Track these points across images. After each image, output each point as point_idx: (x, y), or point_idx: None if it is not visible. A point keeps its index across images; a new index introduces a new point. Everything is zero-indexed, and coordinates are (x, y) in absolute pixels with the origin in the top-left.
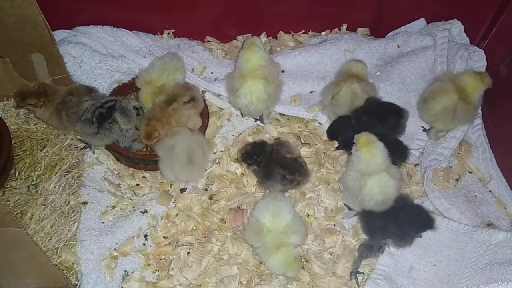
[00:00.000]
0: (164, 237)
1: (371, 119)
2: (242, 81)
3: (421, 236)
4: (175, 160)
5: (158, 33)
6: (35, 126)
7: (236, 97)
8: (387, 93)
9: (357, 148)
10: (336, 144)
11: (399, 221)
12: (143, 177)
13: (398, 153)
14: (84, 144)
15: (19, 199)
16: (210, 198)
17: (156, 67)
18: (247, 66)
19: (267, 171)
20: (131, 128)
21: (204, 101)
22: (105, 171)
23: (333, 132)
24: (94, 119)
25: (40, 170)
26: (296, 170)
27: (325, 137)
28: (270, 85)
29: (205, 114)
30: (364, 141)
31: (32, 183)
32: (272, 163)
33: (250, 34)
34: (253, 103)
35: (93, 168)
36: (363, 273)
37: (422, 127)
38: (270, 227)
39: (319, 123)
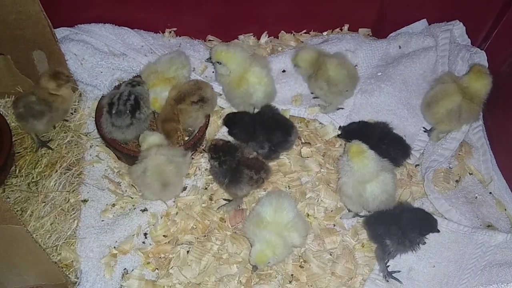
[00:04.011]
0: (164, 236)
1: (261, 130)
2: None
3: (424, 243)
4: (152, 186)
5: (160, 31)
6: None
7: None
8: (388, 94)
9: (348, 157)
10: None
11: (402, 224)
12: None
13: (401, 151)
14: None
15: (19, 196)
16: (210, 198)
17: (162, 61)
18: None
19: (235, 174)
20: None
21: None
22: (105, 169)
23: (229, 123)
24: (128, 112)
25: (41, 167)
26: (260, 168)
27: (326, 137)
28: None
29: None
30: (355, 151)
31: (33, 180)
32: (240, 166)
33: (252, 34)
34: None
35: (93, 166)
36: (398, 271)
37: (424, 128)
38: (270, 220)
39: (320, 123)
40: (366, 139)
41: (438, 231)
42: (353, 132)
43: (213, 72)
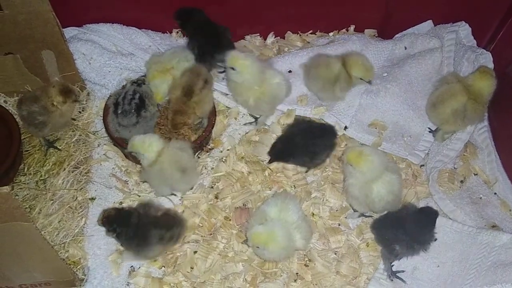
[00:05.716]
0: None
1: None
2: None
3: (436, 239)
4: (170, 178)
5: (167, 32)
6: None
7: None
8: (394, 94)
9: (354, 166)
10: None
11: (409, 228)
12: None
13: (326, 137)
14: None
15: (27, 194)
16: (216, 196)
17: (166, 53)
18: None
19: (141, 238)
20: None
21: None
22: (113, 168)
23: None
24: (133, 111)
25: (49, 165)
26: (172, 224)
27: None
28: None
29: (212, 113)
30: (356, 156)
31: (41, 178)
32: (145, 227)
33: (258, 34)
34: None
35: (101, 164)
36: (402, 271)
37: (429, 128)
38: (274, 219)
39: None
40: (294, 148)
41: (438, 213)
42: (280, 151)
43: (219, 72)
